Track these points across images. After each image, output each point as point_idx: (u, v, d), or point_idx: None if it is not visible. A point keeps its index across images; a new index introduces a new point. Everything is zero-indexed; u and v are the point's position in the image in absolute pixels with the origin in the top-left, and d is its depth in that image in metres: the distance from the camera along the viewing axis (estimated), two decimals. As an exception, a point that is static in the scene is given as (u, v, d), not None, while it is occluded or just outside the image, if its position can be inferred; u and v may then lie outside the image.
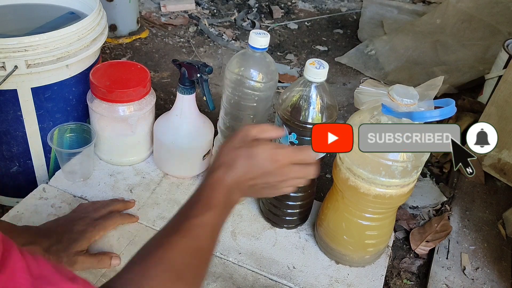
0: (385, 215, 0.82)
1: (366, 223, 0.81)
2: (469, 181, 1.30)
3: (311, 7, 2.42)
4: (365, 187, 0.75)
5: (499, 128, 1.33)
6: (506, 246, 1.09)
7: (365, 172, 0.74)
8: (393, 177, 0.73)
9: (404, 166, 0.72)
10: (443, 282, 0.98)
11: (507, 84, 1.25)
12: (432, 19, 2.15)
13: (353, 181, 0.76)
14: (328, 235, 0.86)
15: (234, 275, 0.82)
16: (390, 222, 0.86)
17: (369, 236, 0.83)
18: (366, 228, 0.82)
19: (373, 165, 0.72)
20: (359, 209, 0.80)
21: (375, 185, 0.74)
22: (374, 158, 0.71)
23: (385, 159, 0.70)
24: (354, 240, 0.83)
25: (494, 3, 2.08)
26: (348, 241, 0.84)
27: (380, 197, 0.76)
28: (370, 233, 0.83)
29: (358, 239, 0.83)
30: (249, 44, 0.80)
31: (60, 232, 0.77)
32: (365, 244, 0.84)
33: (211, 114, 1.03)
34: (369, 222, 0.81)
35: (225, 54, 1.86)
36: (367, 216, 0.81)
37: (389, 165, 0.71)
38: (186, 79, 0.90)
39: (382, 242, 0.87)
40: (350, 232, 0.83)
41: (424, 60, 1.95)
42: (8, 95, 0.92)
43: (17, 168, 1.02)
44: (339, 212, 0.83)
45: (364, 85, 0.73)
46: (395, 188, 0.75)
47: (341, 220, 0.83)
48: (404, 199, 0.79)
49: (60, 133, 0.95)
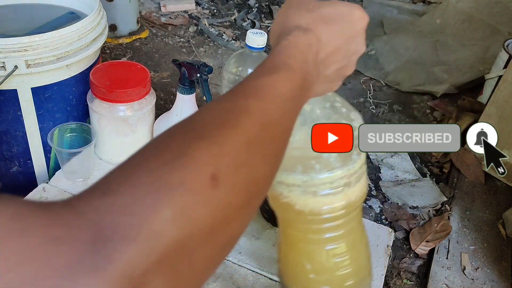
0: (349, 227, 0.61)
1: (330, 246, 0.59)
2: (469, 181, 1.30)
3: (311, 7, 2.42)
4: (302, 199, 0.55)
5: (499, 128, 1.33)
6: (506, 246, 1.09)
7: (297, 176, 0.55)
8: (330, 167, 0.55)
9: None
10: (443, 282, 0.98)
11: (507, 84, 1.25)
12: (432, 19, 2.15)
13: (286, 196, 0.56)
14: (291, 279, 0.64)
15: (234, 275, 0.82)
16: (361, 237, 0.65)
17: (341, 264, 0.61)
18: (332, 254, 0.60)
19: (304, 162, 0.55)
20: (312, 231, 0.59)
21: (312, 195, 0.55)
22: (303, 151, 0.54)
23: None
24: (324, 273, 0.61)
25: (494, 3, 2.08)
26: (317, 279, 0.61)
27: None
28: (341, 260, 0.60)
29: (328, 270, 0.61)
30: (246, 44, 0.80)
31: None
32: (340, 277, 0.61)
33: (211, 114, 1.03)
34: (333, 244, 0.60)
35: (225, 54, 1.86)
36: (326, 237, 0.59)
37: (320, 154, 0.54)
38: (186, 79, 0.90)
39: (361, 268, 0.64)
40: (314, 266, 0.60)
41: (424, 60, 1.95)
42: (8, 95, 0.92)
43: (17, 168, 1.02)
44: (292, 245, 0.61)
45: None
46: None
47: (298, 254, 0.61)
48: (360, 195, 0.59)
49: (60, 133, 0.95)
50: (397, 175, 1.36)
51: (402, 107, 1.70)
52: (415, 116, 1.66)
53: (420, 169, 1.39)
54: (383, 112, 1.66)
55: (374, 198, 1.26)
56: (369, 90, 1.79)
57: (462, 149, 1.37)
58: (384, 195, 1.27)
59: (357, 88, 1.80)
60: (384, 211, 1.21)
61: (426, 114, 1.68)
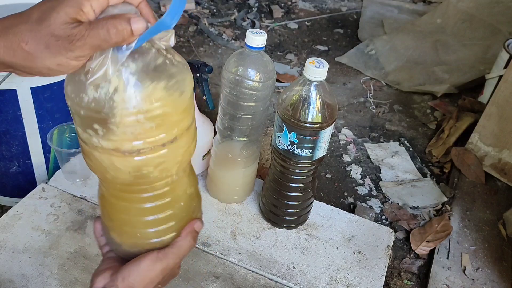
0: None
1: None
2: (469, 181, 1.30)
3: (311, 7, 2.42)
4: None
5: (500, 128, 1.33)
6: (507, 246, 1.09)
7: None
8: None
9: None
10: (444, 283, 0.97)
11: (508, 84, 1.25)
12: (432, 18, 2.15)
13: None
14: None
15: (234, 275, 0.81)
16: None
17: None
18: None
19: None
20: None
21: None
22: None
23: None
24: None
25: (494, 3, 2.08)
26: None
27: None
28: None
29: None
30: (246, 44, 0.80)
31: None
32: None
33: (211, 114, 1.02)
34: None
35: (225, 54, 1.86)
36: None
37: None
38: (186, 78, 0.89)
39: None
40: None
41: (424, 60, 1.95)
42: (8, 95, 0.91)
43: (16, 168, 1.02)
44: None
45: None
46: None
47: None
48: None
49: (59, 133, 0.95)
50: (397, 175, 1.36)
51: (403, 107, 1.70)
52: (416, 116, 1.66)
53: (420, 169, 1.38)
54: (384, 112, 1.66)
55: (374, 198, 1.26)
56: (370, 90, 1.79)
57: (463, 149, 1.37)
58: (384, 195, 1.27)
59: (357, 88, 1.80)
60: (385, 211, 1.21)
61: (426, 114, 1.67)
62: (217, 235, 0.87)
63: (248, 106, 0.83)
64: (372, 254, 0.88)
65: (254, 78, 0.80)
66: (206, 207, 0.92)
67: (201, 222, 0.54)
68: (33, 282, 0.75)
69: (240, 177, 0.91)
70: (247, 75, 0.80)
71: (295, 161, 0.79)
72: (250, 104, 0.83)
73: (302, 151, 0.77)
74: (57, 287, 0.75)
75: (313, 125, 0.74)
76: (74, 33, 0.37)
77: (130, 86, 0.40)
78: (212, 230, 0.88)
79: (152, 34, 0.39)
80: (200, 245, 0.85)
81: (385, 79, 1.86)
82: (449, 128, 1.47)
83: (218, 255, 0.84)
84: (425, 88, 1.79)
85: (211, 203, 0.93)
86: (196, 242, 0.52)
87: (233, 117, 0.85)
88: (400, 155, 1.44)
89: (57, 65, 0.38)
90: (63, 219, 0.86)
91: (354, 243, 0.89)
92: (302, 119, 0.75)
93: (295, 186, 0.84)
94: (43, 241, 0.82)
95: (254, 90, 0.81)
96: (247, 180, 0.93)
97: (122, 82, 0.39)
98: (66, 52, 0.37)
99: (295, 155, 0.78)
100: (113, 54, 0.38)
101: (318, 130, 0.75)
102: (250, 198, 0.96)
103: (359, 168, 1.38)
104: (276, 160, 0.83)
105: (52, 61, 0.37)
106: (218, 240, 0.86)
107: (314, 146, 0.77)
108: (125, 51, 0.38)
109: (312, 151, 0.78)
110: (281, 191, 0.85)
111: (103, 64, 0.39)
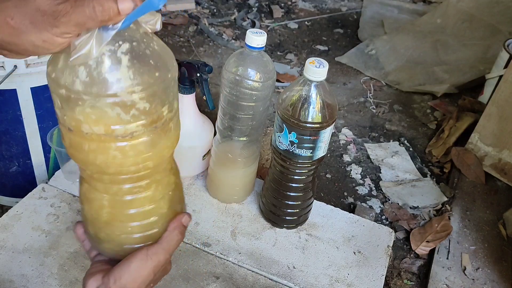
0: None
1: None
2: (469, 181, 1.30)
3: (311, 7, 2.42)
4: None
5: (500, 128, 1.33)
6: (507, 246, 1.09)
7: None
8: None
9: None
10: (444, 283, 0.97)
11: (508, 84, 1.25)
12: (432, 18, 2.15)
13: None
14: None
15: (234, 275, 0.81)
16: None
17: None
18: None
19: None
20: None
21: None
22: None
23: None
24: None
25: (494, 3, 2.08)
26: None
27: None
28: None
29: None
30: (246, 44, 0.80)
31: None
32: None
33: (211, 114, 1.02)
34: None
35: (225, 54, 1.86)
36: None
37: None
38: (186, 78, 0.89)
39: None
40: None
41: (424, 60, 1.95)
42: (8, 95, 0.91)
43: (16, 168, 1.02)
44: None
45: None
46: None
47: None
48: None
49: (59, 133, 0.94)
50: (397, 175, 1.36)
51: (403, 107, 1.70)
52: (416, 116, 1.66)
53: (420, 169, 1.38)
54: (384, 112, 1.66)
55: (374, 198, 1.26)
56: (370, 90, 1.79)
57: (463, 149, 1.37)
58: (384, 195, 1.27)
59: (357, 88, 1.80)
60: (385, 211, 1.21)
61: (426, 114, 1.67)
62: (217, 235, 0.87)
63: (248, 106, 0.83)
64: (372, 254, 0.88)
65: (254, 78, 0.80)
66: (206, 207, 0.92)
67: (189, 216, 0.53)
68: (33, 282, 0.75)
69: (240, 177, 0.91)
70: (247, 75, 0.80)
71: (295, 161, 0.79)
72: (250, 104, 0.83)
73: (302, 151, 0.77)
74: (57, 287, 0.75)
75: (313, 125, 0.74)
76: (59, 9, 0.36)
77: (114, 66, 0.39)
78: (212, 230, 0.88)
79: (139, 14, 0.39)
80: (200, 245, 0.85)
81: (385, 79, 1.86)
82: (449, 128, 1.47)
83: (218, 255, 0.84)
84: (425, 88, 1.79)
85: (211, 203, 0.93)
86: (183, 236, 0.52)
87: (233, 117, 0.85)
88: (400, 155, 1.44)
89: (43, 41, 0.37)
90: (63, 219, 0.86)
91: (354, 243, 0.89)
92: (302, 119, 0.75)
93: (295, 186, 0.84)
94: (43, 241, 0.82)
95: (254, 90, 0.81)
96: (247, 180, 0.93)
97: (106, 61, 0.39)
98: (51, 28, 0.37)
99: (295, 155, 0.78)
100: (98, 33, 0.38)
101: (318, 130, 0.75)
102: (250, 198, 0.96)
103: (359, 168, 1.38)
104: (276, 160, 0.83)
105: (37, 37, 0.37)
106: (218, 240, 0.86)
107: (314, 146, 0.77)
108: (110, 30, 0.38)
109: (312, 151, 0.78)
110: (281, 191, 0.85)
111: (87, 42, 0.38)
